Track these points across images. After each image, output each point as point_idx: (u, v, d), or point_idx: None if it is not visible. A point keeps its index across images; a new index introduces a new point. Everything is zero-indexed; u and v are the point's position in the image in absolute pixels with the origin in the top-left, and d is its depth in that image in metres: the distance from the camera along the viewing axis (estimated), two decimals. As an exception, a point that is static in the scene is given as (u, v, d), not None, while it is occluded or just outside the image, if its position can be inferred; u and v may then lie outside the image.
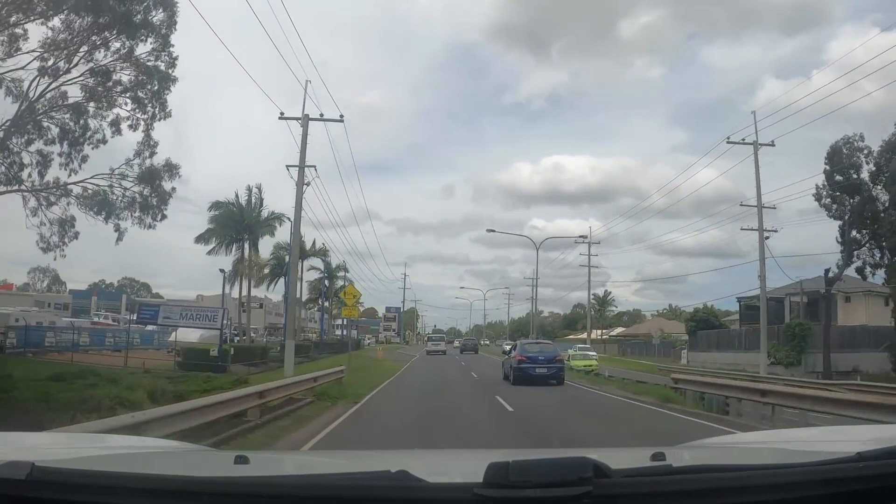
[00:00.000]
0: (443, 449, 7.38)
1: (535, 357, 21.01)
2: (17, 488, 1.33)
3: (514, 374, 20.80)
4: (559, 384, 20.75)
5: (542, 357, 21.06)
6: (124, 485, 1.41)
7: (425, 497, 1.41)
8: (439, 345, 57.93)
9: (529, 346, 22.74)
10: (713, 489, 1.42)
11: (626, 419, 13.40)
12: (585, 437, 10.39)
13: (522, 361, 20.79)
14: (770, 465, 1.63)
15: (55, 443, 2.52)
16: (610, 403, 16.62)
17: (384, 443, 9.65)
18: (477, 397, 17.48)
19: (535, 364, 20.69)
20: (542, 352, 21.68)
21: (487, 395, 17.41)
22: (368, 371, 25.80)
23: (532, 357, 21.00)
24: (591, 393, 19.56)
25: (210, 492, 1.40)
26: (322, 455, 5.00)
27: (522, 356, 21.05)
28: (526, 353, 21.27)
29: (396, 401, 16.57)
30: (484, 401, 16.30)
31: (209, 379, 19.12)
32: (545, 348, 22.48)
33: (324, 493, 1.40)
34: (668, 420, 13.14)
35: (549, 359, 21.13)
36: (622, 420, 13.35)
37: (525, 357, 21.00)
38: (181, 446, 2.64)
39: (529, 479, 1.31)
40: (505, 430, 11.32)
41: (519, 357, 21.14)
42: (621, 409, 15.44)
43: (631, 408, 15.44)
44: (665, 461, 1.74)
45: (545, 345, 23.78)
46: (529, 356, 21.03)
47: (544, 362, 20.83)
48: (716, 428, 10.94)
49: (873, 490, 1.45)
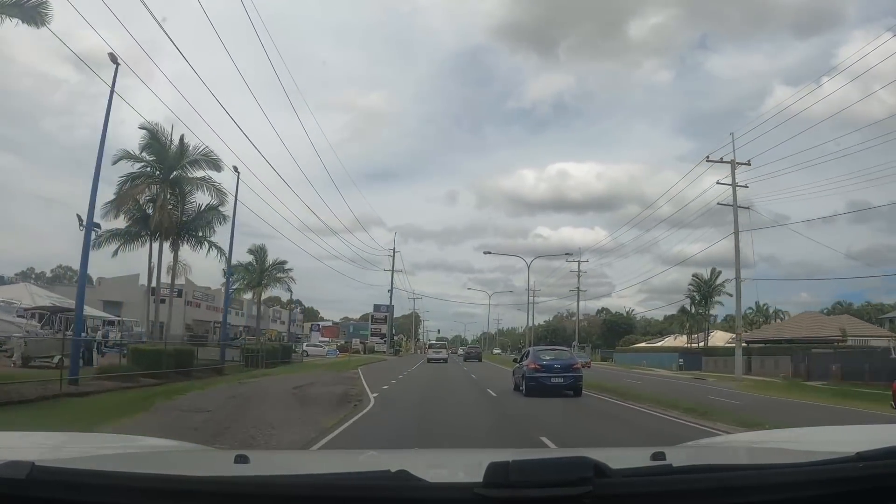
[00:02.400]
0: (443, 449, 7.38)
1: (549, 365, 19.49)
2: (17, 488, 1.33)
3: (528, 383, 19.25)
4: (577, 395, 19.28)
5: (558, 365, 19.57)
6: (124, 484, 1.41)
7: (425, 497, 1.41)
8: (441, 352, 57.88)
9: (543, 352, 21.03)
10: (713, 489, 1.42)
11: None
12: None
13: (536, 370, 19.27)
14: (770, 465, 1.63)
15: (55, 443, 2.53)
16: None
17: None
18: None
19: (551, 373, 19.21)
20: (557, 359, 20.09)
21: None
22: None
23: (547, 365, 19.48)
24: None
25: (210, 491, 1.40)
26: (322, 455, 5.02)
27: (536, 364, 19.50)
28: (540, 361, 19.69)
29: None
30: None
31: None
32: (561, 355, 20.90)
33: (324, 493, 1.40)
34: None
35: (566, 367, 19.68)
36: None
37: (539, 365, 19.45)
38: (181, 446, 2.63)
39: (529, 479, 1.31)
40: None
41: (532, 365, 19.52)
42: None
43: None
44: (665, 461, 1.75)
45: (561, 351, 22.22)
46: (544, 364, 19.53)
47: (560, 371, 19.37)
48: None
49: (873, 490, 1.45)
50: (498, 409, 16.44)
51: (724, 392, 24.95)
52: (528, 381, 19.22)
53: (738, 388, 28.23)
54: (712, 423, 13.00)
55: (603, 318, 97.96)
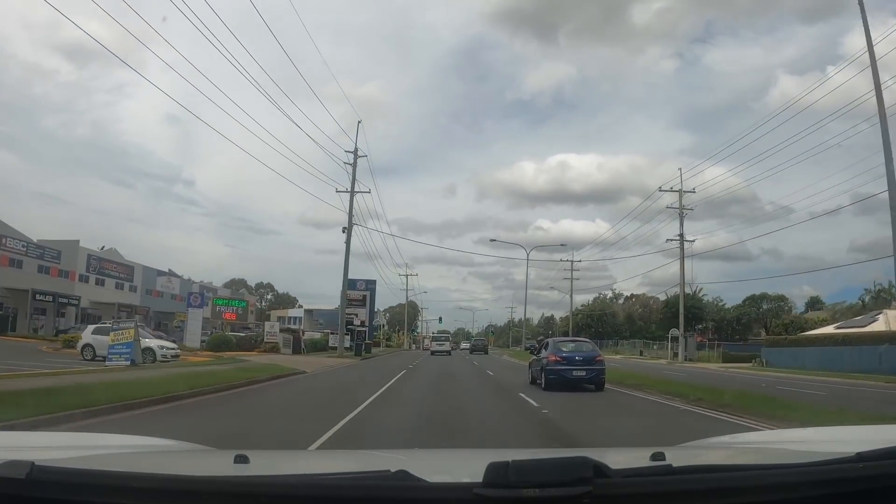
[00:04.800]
0: (443, 449, 7.37)
1: (571, 357, 18.49)
2: (17, 488, 1.33)
3: (547, 377, 18.25)
4: (598, 389, 18.16)
5: (580, 357, 18.61)
6: (124, 484, 1.41)
7: (425, 497, 1.41)
8: (444, 345, 58.17)
9: (564, 343, 19.91)
10: (713, 489, 1.42)
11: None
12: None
13: (557, 362, 18.25)
14: (770, 465, 1.63)
15: (55, 442, 2.53)
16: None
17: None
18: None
19: (572, 365, 18.22)
20: (578, 351, 19.10)
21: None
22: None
23: (568, 357, 18.46)
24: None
25: (210, 491, 1.40)
26: (322, 454, 5.02)
27: (556, 356, 18.49)
28: (560, 353, 18.67)
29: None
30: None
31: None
32: (582, 346, 19.86)
33: (324, 493, 1.40)
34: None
35: (588, 359, 18.68)
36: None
37: (560, 357, 18.44)
38: (181, 446, 2.63)
39: (529, 479, 1.31)
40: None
41: (552, 357, 18.48)
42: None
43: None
44: (665, 461, 1.75)
45: (582, 343, 21.05)
46: (565, 356, 18.52)
47: (582, 363, 18.41)
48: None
49: (873, 490, 1.45)
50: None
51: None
52: (548, 375, 18.31)
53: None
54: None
55: (666, 301, 73.92)
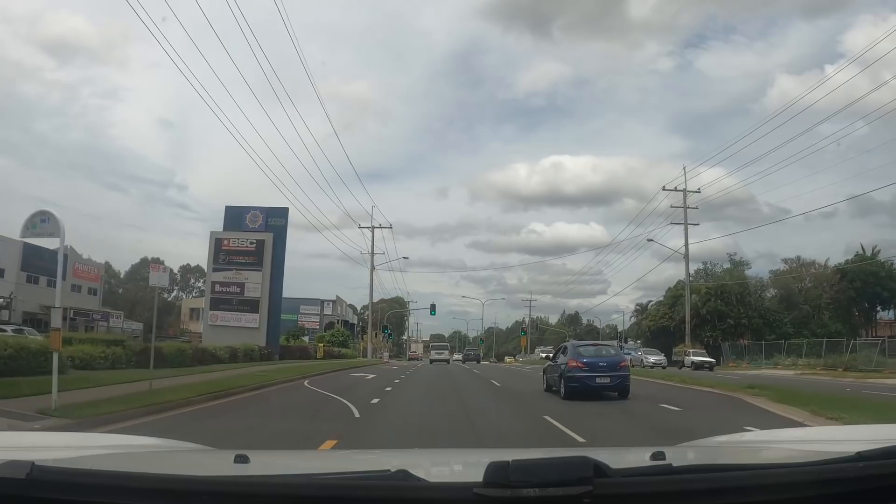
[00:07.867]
0: (443, 448, 7.36)
1: (594, 363, 17.09)
2: (17, 488, 1.33)
3: (567, 384, 16.97)
4: (622, 398, 16.94)
5: (604, 363, 17.23)
6: (124, 484, 1.41)
7: (425, 497, 1.41)
8: (443, 353, 58.09)
9: (585, 348, 18.62)
10: (713, 489, 1.42)
11: None
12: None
13: (578, 368, 16.94)
14: (770, 465, 1.63)
15: (55, 442, 2.53)
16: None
17: None
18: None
19: (595, 372, 16.85)
20: (601, 356, 17.78)
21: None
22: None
23: (590, 363, 17.07)
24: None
25: (210, 491, 1.40)
26: (322, 454, 5.02)
27: (577, 361, 17.17)
28: (582, 359, 17.29)
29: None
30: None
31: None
32: (605, 351, 18.64)
33: (324, 493, 1.40)
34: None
35: (612, 365, 17.30)
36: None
37: (581, 363, 17.07)
38: (181, 445, 2.63)
39: (529, 479, 1.31)
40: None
41: (573, 363, 17.15)
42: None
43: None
44: (665, 461, 1.75)
45: (604, 347, 19.88)
46: (587, 361, 17.14)
47: (606, 370, 17.01)
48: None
49: (873, 490, 1.45)
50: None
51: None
52: (569, 382, 17.03)
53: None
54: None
55: (840, 269, 49.67)
